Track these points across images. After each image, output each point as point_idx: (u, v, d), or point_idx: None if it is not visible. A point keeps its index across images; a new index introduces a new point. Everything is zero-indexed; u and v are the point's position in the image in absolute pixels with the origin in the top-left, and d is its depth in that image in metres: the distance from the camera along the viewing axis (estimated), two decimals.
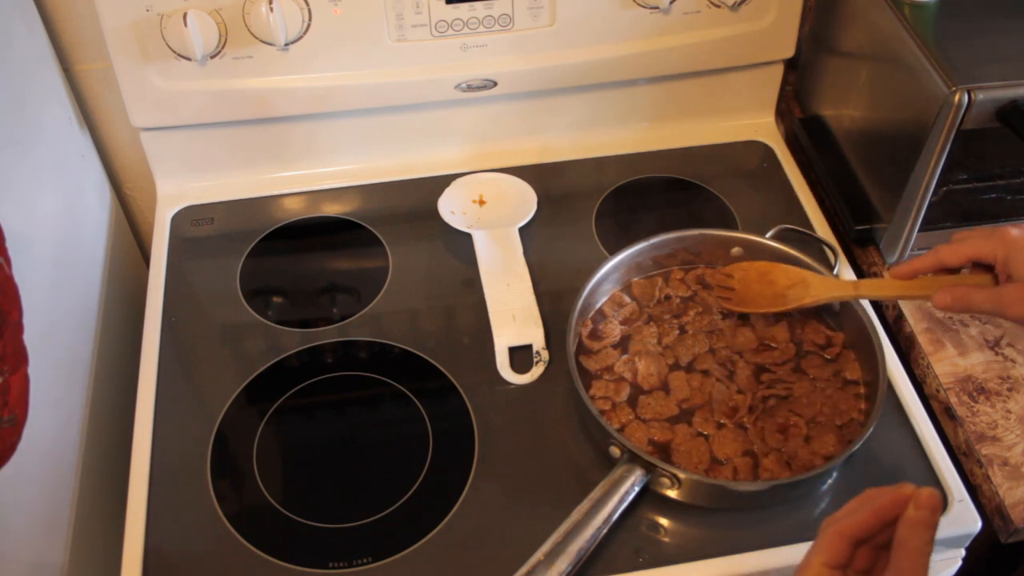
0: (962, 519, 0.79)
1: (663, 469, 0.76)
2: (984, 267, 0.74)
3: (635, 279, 0.94)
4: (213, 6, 0.94)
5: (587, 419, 0.82)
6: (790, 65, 1.15)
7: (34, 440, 0.77)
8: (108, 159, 1.13)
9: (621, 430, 0.82)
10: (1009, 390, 0.87)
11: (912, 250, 0.95)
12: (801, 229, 0.97)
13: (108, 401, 0.98)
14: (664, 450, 0.81)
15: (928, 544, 0.52)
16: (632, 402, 0.84)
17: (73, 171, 1.02)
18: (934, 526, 0.53)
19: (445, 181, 1.08)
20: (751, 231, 0.94)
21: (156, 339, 0.94)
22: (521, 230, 1.02)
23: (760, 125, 1.18)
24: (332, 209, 1.09)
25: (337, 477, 0.84)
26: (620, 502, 0.75)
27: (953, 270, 0.76)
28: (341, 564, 0.77)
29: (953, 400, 0.86)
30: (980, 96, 0.82)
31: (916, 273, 0.78)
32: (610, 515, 0.75)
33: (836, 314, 0.89)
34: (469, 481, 0.82)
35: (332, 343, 0.94)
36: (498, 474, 0.83)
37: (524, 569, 0.71)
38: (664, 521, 0.80)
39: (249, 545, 0.79)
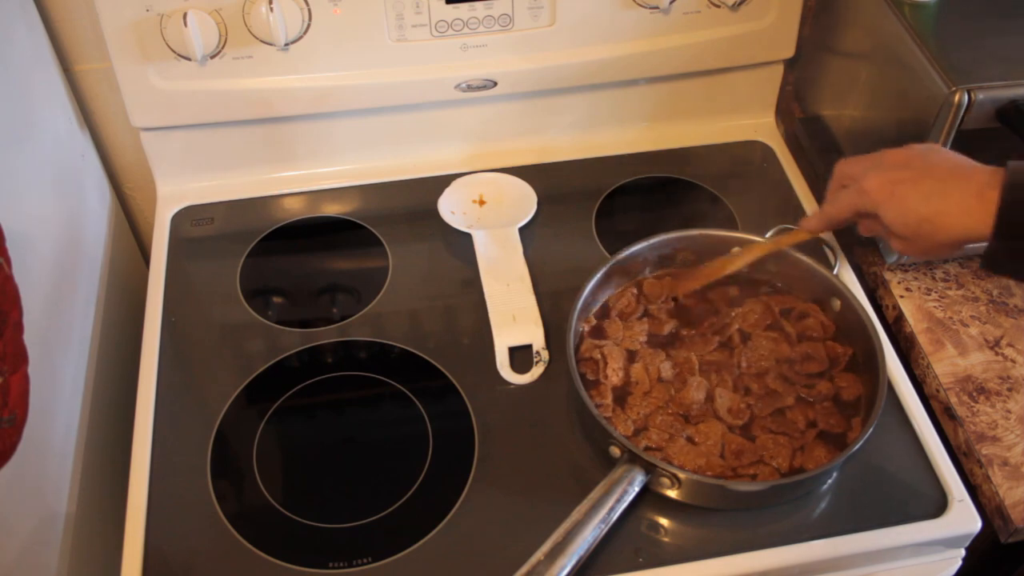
0: (962, 519, 0.79)
1: (663, 469, 0.76)
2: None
3: (647, 278, 0.94)
4: (213, 6, 0.94)
5: (587, 419, 0.82)
6: (790, 65, 1.15)
7: (34, 440, 0.77)
8: (108, 159, 1.13)
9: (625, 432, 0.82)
10: (1009, 390, 0.87)
11: None
12: None
13: (108, 401, 0.98)
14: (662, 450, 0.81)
15: None
16: (621, 401, 0.84)
17: (73, 171, 1.02)
18: None
19: (445, 181, 1.08)
20: (751, 231, 0.93)
21: (156, 339, 0.94)
22: (521, 230, 1.02)
23: (760, 125, 1.18)
24: (332, 209, 1.09)
25: (337, 477, 0.84)
26: (620, 502, 0.75)
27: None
28: (341, 564, 0.77)
29: (953, 400, 0.86)
30: (980, 96, 0.82)
31: (818, 232, 0.86)
32: (610, 515, 0.75)
33: (837, 314, 0.89)
34: (469, 481, 0.82)
35: (332, 343, 0.94)
36: (498, 474, 0.83)
37: (524, 569, 0.71)
38: (664, 521, 0.80)
39: (249, 545, 0.79)
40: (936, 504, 0.81)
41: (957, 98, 0.82)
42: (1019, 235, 0.65)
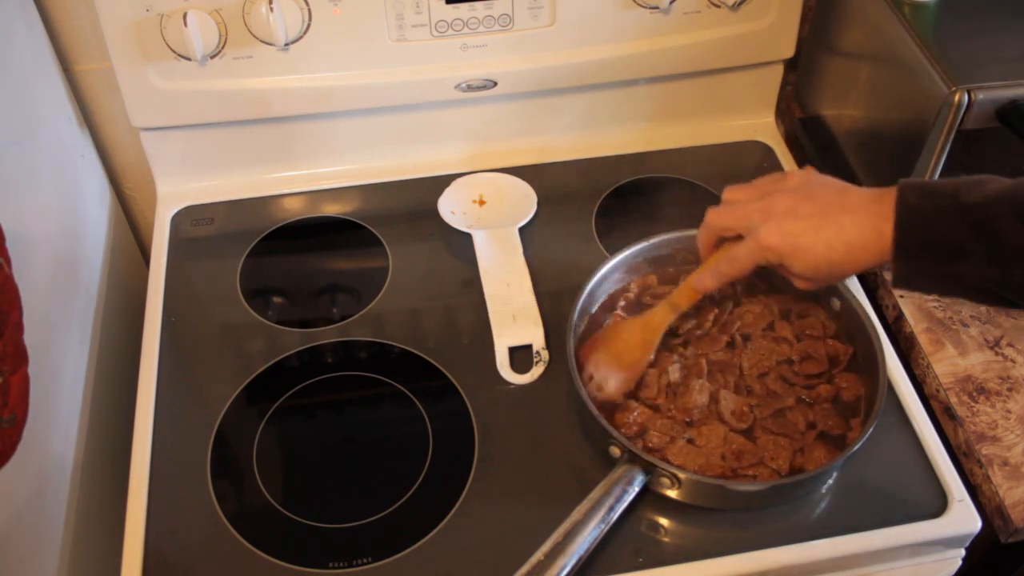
0: (962, 519, 0.79)
1: (663, 469, 0.76)
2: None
3: (653, 273, 0.93)
4: (213, 6, 0.94)
5: (587, 419, 0.82)
6: (790, 65, 1.15)
7: (34, 440, 0.77)
8: (108, 159, 1.14)
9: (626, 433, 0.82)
10: (1009, 390, 0.87)
11: None
12: None
13: (108, 401, 0.98)
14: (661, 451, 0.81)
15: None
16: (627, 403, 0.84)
17: (73, 171, 1.02)
18: None
19: (445, 181, 1.08)
20: None
21: (156, 339, 0.94)
22: (521, 230, 1.02)
23: (760, 125, 1.18)
24: (332, 209, 1.09)
25: (337, 477, 0.84)
26: (620, 502, 0.75)
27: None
28: (341, 564, 0.77)
29: (953, 400, 0.86)
30: (980, 96, 0.82)
31: (713, 291, 0.83)
32: (610, 515, 0.75)
33: (837, 314, 0.89)
34: (469, 481, 0.82)
35: (332, 343, 0.94)
36: (498, 474, 0.83)
37: (524, 569, 0.71)
38: (664, 521, 0.80)
39: (249, 545, 0.79)
40: (936, 504, 0.81)
41: (957, 98, 0.82)
42: (916, 256, 0.68)
